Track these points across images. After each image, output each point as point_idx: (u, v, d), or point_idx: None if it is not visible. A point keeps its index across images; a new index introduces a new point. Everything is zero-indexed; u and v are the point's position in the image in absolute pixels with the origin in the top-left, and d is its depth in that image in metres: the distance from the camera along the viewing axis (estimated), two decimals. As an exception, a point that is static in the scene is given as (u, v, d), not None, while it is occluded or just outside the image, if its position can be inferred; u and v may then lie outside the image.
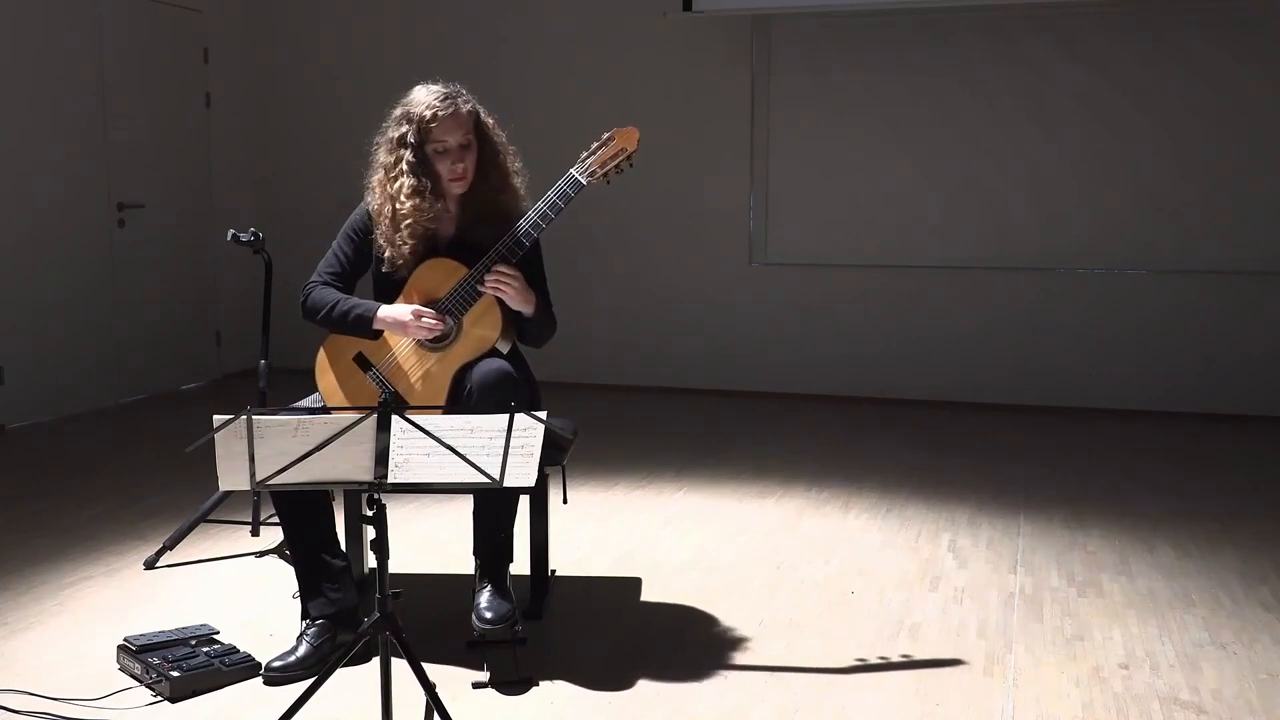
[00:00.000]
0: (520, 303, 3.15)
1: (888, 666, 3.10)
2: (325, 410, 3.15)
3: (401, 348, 3.17)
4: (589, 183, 3.20)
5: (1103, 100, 6.74)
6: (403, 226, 3.15)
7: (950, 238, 7.07)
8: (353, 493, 3.40)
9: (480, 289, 3.12)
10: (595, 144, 3.23)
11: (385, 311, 3.15)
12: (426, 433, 2.33)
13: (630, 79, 7.41)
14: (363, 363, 3.19)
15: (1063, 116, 6.82)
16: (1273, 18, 6.48)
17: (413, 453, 2.38)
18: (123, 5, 6.88)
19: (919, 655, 3.17)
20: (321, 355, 3.24)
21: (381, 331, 3.18)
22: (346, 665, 2.71)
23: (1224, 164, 6.63)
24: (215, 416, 2.29)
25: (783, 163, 7.29)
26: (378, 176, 3.23)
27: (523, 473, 2.43)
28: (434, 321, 3.10)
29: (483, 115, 3.25)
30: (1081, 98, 6.77)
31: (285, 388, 3.95)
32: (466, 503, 3.36)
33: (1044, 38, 6.79)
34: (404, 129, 3.17)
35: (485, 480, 2.38)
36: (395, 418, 2.33)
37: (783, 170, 7.29)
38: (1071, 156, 6.85)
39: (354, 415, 2.31)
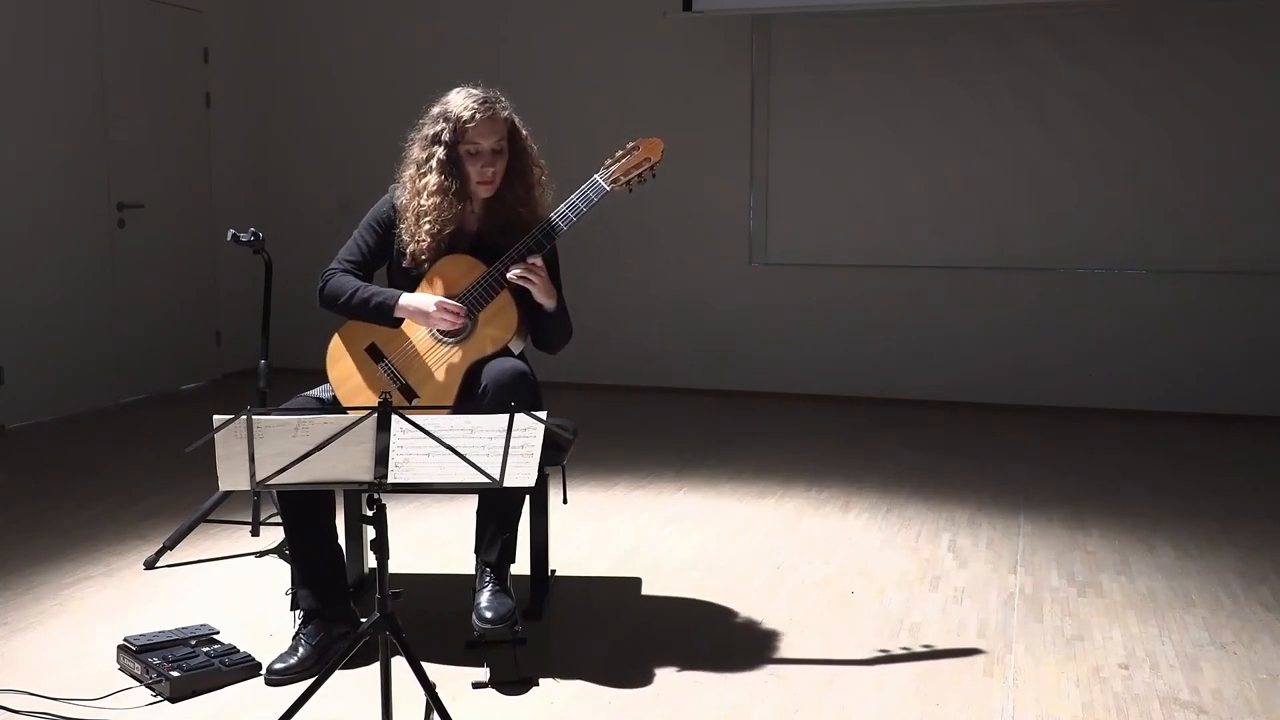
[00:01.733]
0: (545, 295, 3.17)
1: (888, 667, 3.10)
2: (334, 403, 3.16)
3: (415, 340, 3.18)
4: (612, 189, 3.23)
5: (1103, 100, 6.74)
6: (423, 222, 3.18)
7: (950, 238, 7.07)
8: (353, 493, 3.40)
9: (505, 280, 3.14)
10: (620, 152, 3.27)
11: (407, 300, 3.16)
12: (427, 433, 2.34)
13: (630, 79, 7.42)
14: (375, 354, 3.19)
15: (1063, 116, 6.82)
16: (1273, 18, 6.48)
17: (413, 453, 2.38)
18: (123, 5, 6.88)
19: (919, 655, 3.18)
20: (334, 344, 3.24)
21: (401, 320, 3.18)
22: (346, 665, 2.72)
23: (1224, 164, 6.63)
24: (215, 416, 2.29)
25: (783, 163, 7.29)
26: (409, 172, 3.26)
27: (523, 473, 2.43)
28: (455, 313, 3.11)
29: (518, 124, 3.27)
30: (1081, 98, 6.77)
31: (285, 388, 3.95)
32: (467, 503, 3.36)
33: (1044, 38, 6.79)
34: (440, 127, 3.21)
35: (485, 480, 2.38)
36: (395, 418, 2.33)
37: (783, 170, 7.29)
38: (1071, 156, 6.85)
39: (354, 415, 2.32)
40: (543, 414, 2.44)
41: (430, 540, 4.22)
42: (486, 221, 3.28)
